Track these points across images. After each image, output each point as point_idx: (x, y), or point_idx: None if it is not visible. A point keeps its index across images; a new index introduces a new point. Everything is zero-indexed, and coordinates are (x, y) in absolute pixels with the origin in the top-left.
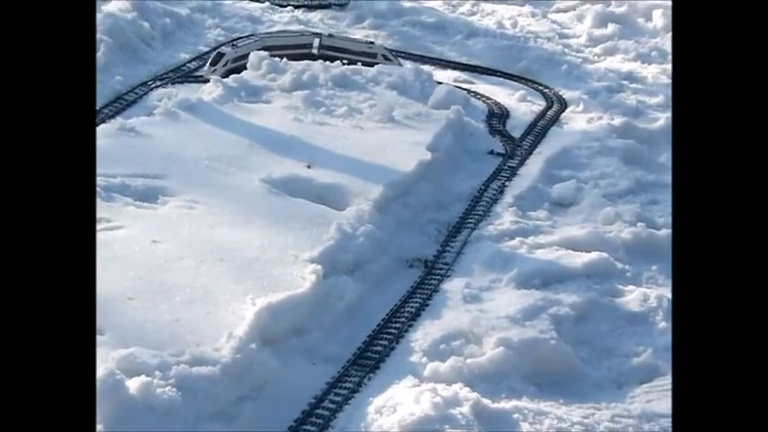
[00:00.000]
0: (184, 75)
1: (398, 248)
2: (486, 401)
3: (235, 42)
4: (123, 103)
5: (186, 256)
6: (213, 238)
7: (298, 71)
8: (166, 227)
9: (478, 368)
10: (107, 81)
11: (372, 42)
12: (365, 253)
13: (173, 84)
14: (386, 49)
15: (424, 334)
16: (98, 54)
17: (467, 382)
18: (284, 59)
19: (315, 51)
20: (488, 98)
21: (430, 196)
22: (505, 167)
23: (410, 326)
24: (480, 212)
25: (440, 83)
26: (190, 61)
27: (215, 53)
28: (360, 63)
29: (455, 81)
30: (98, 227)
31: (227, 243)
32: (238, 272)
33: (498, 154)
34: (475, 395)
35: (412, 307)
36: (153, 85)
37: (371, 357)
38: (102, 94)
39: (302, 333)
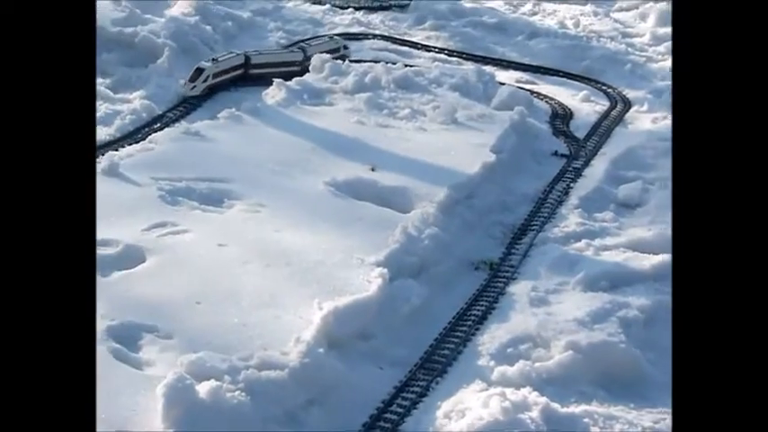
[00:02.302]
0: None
1: (464, 251)
2: (555, 406)
3: (216, 58)
4: (188, 106)
5: (252, 259)
6: (279, 242)
7: (360, 73)
8: (232, 230)
9: (547, 372)
10: (171, 85)
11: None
12: (430, 256)
13: (236, 87)
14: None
15: (491, 337)
16: (162, 59)
17: (535, 386)
18: (346, 61)
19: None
20: (551, 99)
21: (494, 198)
22: (570, 169)
23: (477, 329)
24: (545, 214)
25: (502, 84)
26: None
27: (194, 68)
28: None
29: (517, 82)
30: (164, 231)
31: (293, 247)
32: (304, 276)
33: (562, 155)
34: (544, 399)
35: (478, 310)
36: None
37: (439, 361)
38: (166, 99)
39: (369, 337)
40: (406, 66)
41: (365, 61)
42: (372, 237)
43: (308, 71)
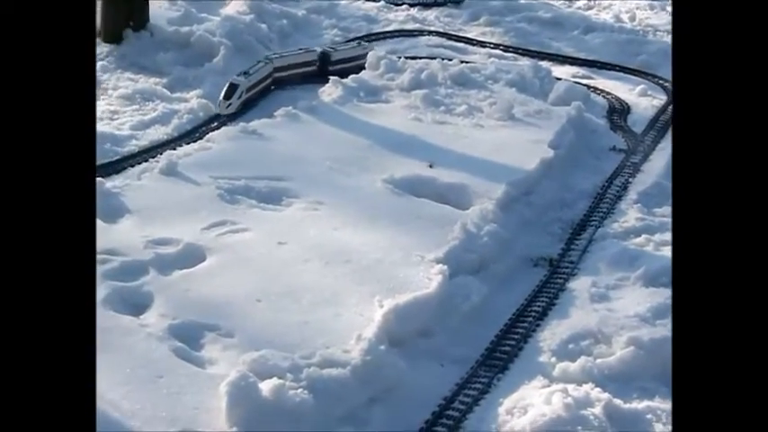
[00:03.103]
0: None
1: (523, 247)
2: (617, 402)
3: (247, 71)
4: (243, 106)
5: (312, 257)
6: (338, 240)
7: (416, 70)
8: (291, 228)
9: (608, 368)
10: (227, 84)
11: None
12: (490, 252)
13: (292, 85)
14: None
15: (551, 334)
16: (217, 58)
17: (597, 382)
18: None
19: (316, 67)
20: (608, 93)
21: (553, 194)
22: (628, 164)
23: (537, 326)
24: (604, 210)
25: (559, 79)
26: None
27: (227, 85)
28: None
29: (574, 77)
30: (224, 229)
31: (352, 244)
32: (364, 273)
33: (620, 150)
34: (606, 395)
35: (538, 306)
36: (272, 87)
37: (499, 358)
38: None
39: (429, 334)
40: (461, 62)
41: (421, 58)
42: (431, 234)
43: (329, 75)
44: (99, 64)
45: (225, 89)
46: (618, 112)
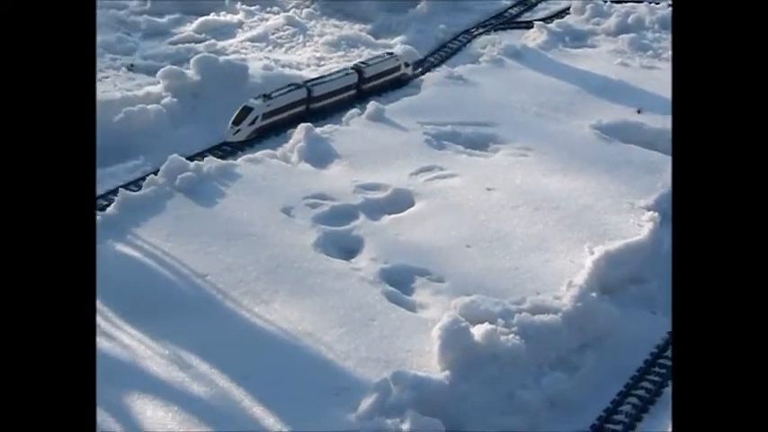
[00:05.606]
0: (507, 21)
1: None
2: None
3: (268, 94)
4: (448, 51)
5: (520, 204)
6: (546, 186)
7: (622, 14)
8: (499, 174)
9: None
10: (431, 30)
11: (392, 53)
12: None
13: (496, 30)
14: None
15: None
16: (421, 4)
17: None
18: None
19: (353, 90)
20: None
21: None
22: None
23: None
24: None
25: None
26: (512, 7)
27: (241, 108)
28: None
29: None
30: (431, 175)
31: (561, 191)
32: (573, 220)
33: None
34: None
35: None
36: (476, 33)
37: None
38: (427, 44)
39: (640, 281)
40: (670, 5)
41: (627, 1)
42: (641, 180)
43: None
44: (304, 11)
45: (237, 113)
46: None
